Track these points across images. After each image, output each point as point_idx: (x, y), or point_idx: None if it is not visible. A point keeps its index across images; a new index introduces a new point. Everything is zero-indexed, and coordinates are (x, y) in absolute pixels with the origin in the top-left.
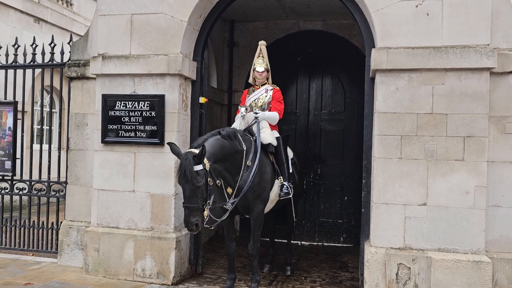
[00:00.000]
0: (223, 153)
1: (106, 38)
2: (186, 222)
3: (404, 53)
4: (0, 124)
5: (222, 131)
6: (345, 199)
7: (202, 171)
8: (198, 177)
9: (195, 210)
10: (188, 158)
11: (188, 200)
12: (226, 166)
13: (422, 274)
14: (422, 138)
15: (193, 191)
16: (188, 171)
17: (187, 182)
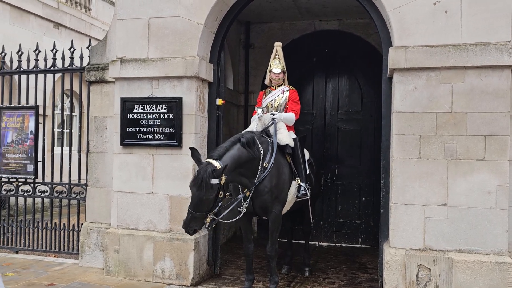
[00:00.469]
0: (240, 162)
1: (124, 42)
2: (186, 225)
3: (423, 52)
4: (23, 128)
5: (242, 138)
6: (363, 200)
7: (217, 185)
8: (211, 190)
9: (198, 218)
10: (208, 170)
11: (195, 207)
12: (241, 172)
13: (443, 276)
14: (442, 137)
15: (202, 201)
16: (204, 182)
17: (199, 190)
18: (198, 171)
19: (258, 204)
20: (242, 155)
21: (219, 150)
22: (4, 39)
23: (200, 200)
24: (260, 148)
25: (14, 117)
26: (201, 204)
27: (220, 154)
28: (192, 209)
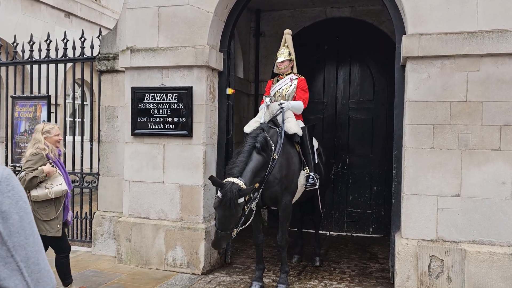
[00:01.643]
0: (258, 170)
1: (134, 31)
2: (216, 245)
3: (437, 39)
4: (35, 118)
5: (256, 143)
6: (374, 189)
7: (243, 202)
8: (239, 208)
9: (226, 236)
10: (234, 191)
11: (223, 226)
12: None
13: (455, 267)
14: (456, 127)
15: (229, 220)
16: (232, 204)
17: (227, 211)
18: (224, 193)
19: (268, 195)
20: (259, 164)
21: (237, 165)
22: (16, 29)
23: (228, 219)
24: (272, 146)
25: (27, 107)
26: (228, 223)
27: (240, 170)
28: (221, 229)
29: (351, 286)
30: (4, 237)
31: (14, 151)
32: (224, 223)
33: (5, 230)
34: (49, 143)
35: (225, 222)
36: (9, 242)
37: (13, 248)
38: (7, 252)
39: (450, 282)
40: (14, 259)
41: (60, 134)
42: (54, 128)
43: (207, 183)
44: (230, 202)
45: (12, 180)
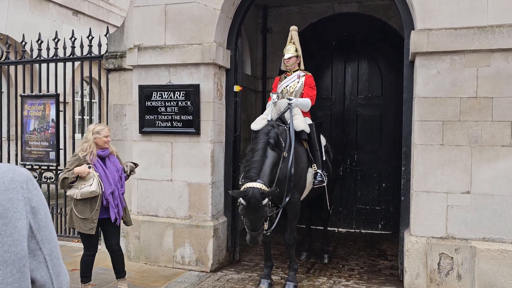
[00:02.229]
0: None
1: (141, 29)
2: (252, 242)
3: (446, 35)
4: (44, 116)
5: (270, 139)
6: (382, 186)
7: (268, 202)
8: (266, 208)
9: (259, 233)
10: (257, 196)
11: (255, 228)
12: None
13: (465, 264)
14: (466, 123)
15: (259, 220)
16: (258, 208)
17: (253, 215)
18: (247, 200)
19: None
20: (274, 160)
21: (254, 166)
22: (24, 28)
23: (258, 221)
24: (282, 143)
25: (36, 105)
26: (259, 223)
27: (257, 172)
28: (253, 230)
29: (360, 283)
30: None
31: (23, 150)
32: (255, 225)
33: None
34: (98, 143)
35: (255, 224)
36: (38, 236)
37: (41, 242)
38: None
39: (460, 279)
40: (42, 252)
41: (109, 136)
42: (104, 129)
43: (215, 181)
44: (256, 207)
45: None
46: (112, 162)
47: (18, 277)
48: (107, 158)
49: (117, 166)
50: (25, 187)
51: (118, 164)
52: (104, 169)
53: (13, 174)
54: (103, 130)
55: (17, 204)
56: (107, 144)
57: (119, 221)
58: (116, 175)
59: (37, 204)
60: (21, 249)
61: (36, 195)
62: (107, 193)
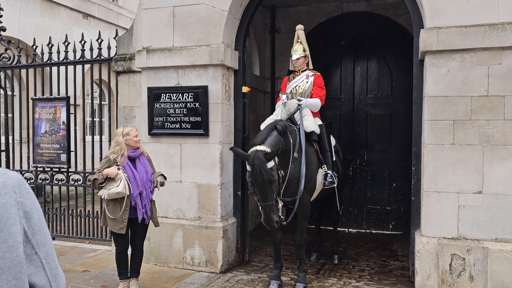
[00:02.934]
0: (280, 150)
1: (150, 32)
2: (267, 221)
3: (456, 33)
4: (55, 119)
5: (277, 125)
6: (393, 186)
7: (275, 166)
8: (273, 172)
9: (273, 207)
10: (260, 157)
11: (265, 198)
12: (279, 162)
13: (478, 265)
14: (477, 122)
15: (269, 188)
16: (263, 170)
17: (263, 180)
18: (251, 163)
19: (288, 194)
20: (280, 142)
21: (260, 137)
22: (35, 31)
23: (266, 188)
24: (290, 138)
25: (47, 108)
26: (267, 191)
27: (262, 140)
28: (263, 200)
29: (370, 284)
30: (29, 235)
31: (35, 152)
32: (263, 193)
33: (29, 229)
34: (130, 144)
35: (263, 191)
36: (33, 241)
37: (37, 246)
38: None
39: (472, 281)
40: (38, 256)
41: (138, 135)
42: (132, 130)
43: (224, 182)
44: (260, 168)
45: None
46: (142, 163)
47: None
48: (137, 159)
49: (146, 167)
50: (18, 191)
51: (147, 165)
52: (132, 170)
53: (4, 179)
54: (132, 130)
55: (10, 210)
56: (139, 143)
57: (148, 221)
58: (144, 176)
59: (30, 208)
60: (16, 255)
61: (29, 199)
62: (134, 194)
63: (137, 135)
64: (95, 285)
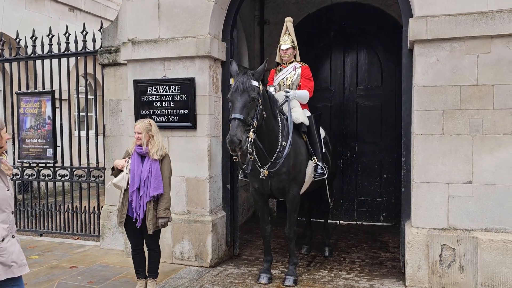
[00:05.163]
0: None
1: (135, 23)
2: (231, 136)
3: (445, 21)
4: (40, 113)
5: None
6: (384, 177)
7: (257, 88)
8: (254, 90)
9: (243, 124)
10: (247, 73)
11: (239, 110)
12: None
13: (468, 255)
14: (466, 112)
15: (245, 103)
16: (246, 83)
17: (242, 92)
18: (237, 79)
19: (276, 186)
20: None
21: None
22: (20, 25)
23: (244, 102)
24: (278, 120)
25: (32, 103)
26: (244, 106)
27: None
28: (237, 112)
29: (361, 276)
30: None
31: (21, 148)
32: (240, 108)
33: None
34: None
35: (241, 106)
36: None
37: None
38: None
39: (462, 271)
40: None
41: (141, 132)
42: (136, 126)
43: (213, 175)
44: (244, 80)
45: None
46: (149, 162)
47: None
48: (146, 157)
49: (151, 167)
50: None
51: (154, 166)
52: (135, 165)
53: None
54: (135, 127)
55: None
56: (139, 140)
57: (139, 223)
58: (145, 174)
59: None
60: None
61: None
62: (130, 190)
63: (139, 132)
64: (83, 281)
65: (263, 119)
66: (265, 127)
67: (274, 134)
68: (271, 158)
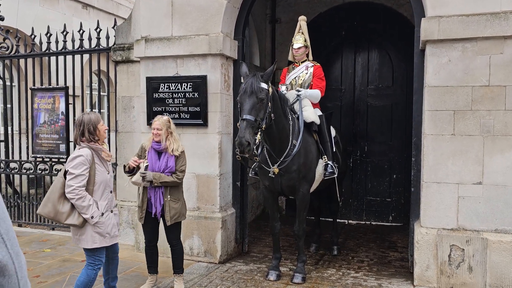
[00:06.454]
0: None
1: (148, 21)
2: (240, 138)
3: (458, 22)
4: (54, 109)
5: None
6: (393, 177)
7: (266, 90)
8: (262, 92)
9: (251, 125)
10: (257, 74)
11: (248, 112)
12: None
13: (477, 256)
14: (478, 112)
15: (254, 104)
16: (254, 85)
17: (251, 94)
18: (246, 81)
19: (286, 184)
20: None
21: None
22: (34, 21)
23: (252, 104)
24: (289, 119)
25: (46, 98)
26: (253, 108)
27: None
28: (246, 113)
29: (369, 275)
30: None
31: (34, 143)
32: (249, 109)
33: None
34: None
35: (249, 107)
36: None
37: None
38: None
39: (471, 271)
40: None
41: (160, 129)
42: (155, 122)
43: (223, 173)
44: (253, 83)
45: None
46: (165, 158)
47: None
48: (163, 153)
49: (168, 162)
50: None
51: (170, 161)
52: (152, 162)
53: None
54: (155, 122)
55: None
56: (158, 137)
57: (159, 218)
58: (162, 168)
59: None
60: None
61: None
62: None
63: (158, 128)
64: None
65: (272, 121)
66: (275, 126)
67: (285, 133)
68: (281, 156)
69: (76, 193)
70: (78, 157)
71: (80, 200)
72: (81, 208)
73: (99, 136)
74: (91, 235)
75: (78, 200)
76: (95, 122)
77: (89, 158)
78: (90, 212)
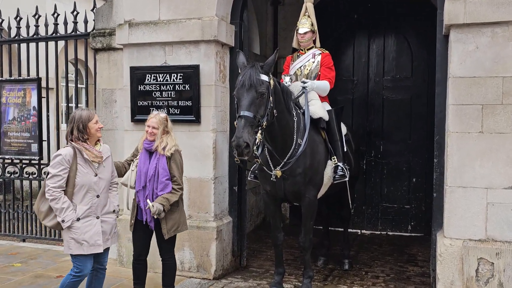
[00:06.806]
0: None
1: (132, 3)
2: (237, 139)
3: (486, 3)
4: (24, 104)
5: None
6: (413, 181)
7: (267, 82)
8: (263, 85)
9: (251, 123)
10: (256, 65)
11: (246, 108)
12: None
13: (508, 271)
14: (509, 107)
15: (253, 99)
16: (253, 77)
17: (249, 87)
18: (243, 72)
19: (290, 189)
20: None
21: None
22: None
23: (251, 99)
24: (294, 115)
25: (15, 91)
26: (252, 103)
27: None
28: (244, 109)
29: None
30: None
31: (2, 142)
32: (248, 105)
33: None
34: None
35: (248, 103)
36: None
37: None
38: None
39: None
40: None
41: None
42: (150, 120)
43: (218, 176)
44: (252, 75)
45: None
46: (156, 158)
47: None
48: (154, 153)
49: (158, 163)
50: None
51: (161, 162)
52: (142, 163)
53: None
54: (150, 119)
55: None
56: (152, 136)
57: (152, 225)
58: (152, 172)
59: None
60: None
61: None
62: (136, 189)
63: (153, 126)
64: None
65: (274, 117)
66: (277, 124)
67: (289, 131)
68: (284, 157)
69: (50, 193)
70: (57, 156)
71: (54, 201)
72: (55, 210)
73: (89, 135)
74: (67, 240)
75: (52, 201)
76: (85, 120)
77: (68, 158)
78: (62, 215)
